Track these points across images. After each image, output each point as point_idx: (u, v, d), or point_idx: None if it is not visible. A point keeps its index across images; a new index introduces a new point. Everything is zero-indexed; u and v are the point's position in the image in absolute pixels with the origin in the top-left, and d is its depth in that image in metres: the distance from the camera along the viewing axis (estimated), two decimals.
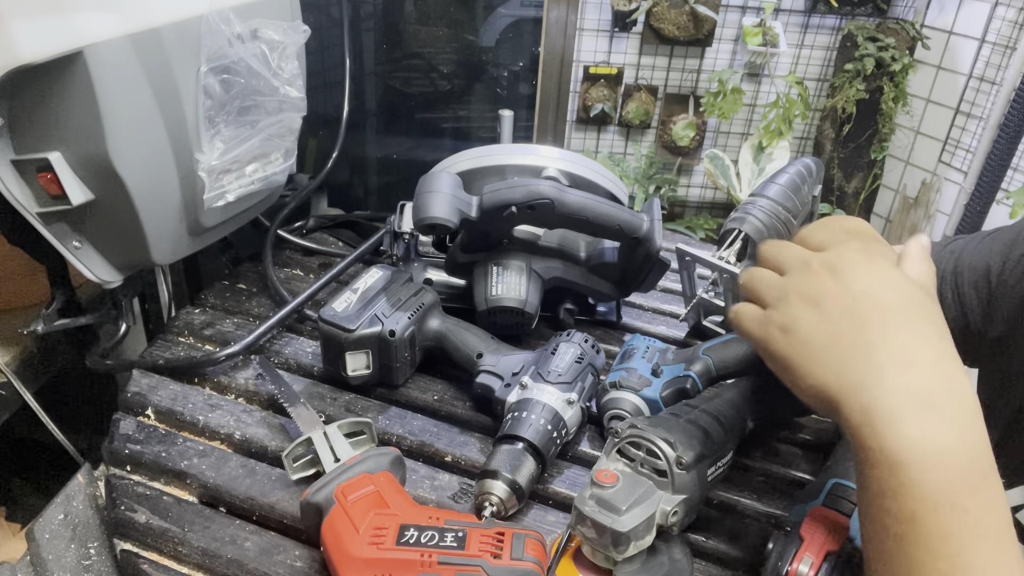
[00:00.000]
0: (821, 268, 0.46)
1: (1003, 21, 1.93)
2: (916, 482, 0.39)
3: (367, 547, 0.48)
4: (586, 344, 0.69)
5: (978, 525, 0.38)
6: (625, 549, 0.47)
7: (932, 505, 0.38)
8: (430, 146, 1.76)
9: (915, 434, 0.39)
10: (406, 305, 0.71)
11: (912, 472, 0.39)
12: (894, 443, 0.39)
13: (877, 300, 0.43)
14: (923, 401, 0.40)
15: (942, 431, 0.39)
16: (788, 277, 0.47)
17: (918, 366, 0.41)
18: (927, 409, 0.40)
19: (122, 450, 0.64)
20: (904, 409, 0.40)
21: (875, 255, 0.46)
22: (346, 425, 0.61)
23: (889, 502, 0.40)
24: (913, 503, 0.39)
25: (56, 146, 0.62)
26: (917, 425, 0.39)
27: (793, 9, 2.20)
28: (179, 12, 0.67)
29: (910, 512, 0.39)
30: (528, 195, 0.69)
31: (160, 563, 0.55)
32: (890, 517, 0.40)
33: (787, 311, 0.46)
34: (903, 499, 0.39)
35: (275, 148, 0.82)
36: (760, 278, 0.49)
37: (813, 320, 0.44)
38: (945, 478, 0.38)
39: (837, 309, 0.44)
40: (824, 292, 0.45)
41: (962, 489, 0.38)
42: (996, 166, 1.88)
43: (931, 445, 0.39)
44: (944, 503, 0.38)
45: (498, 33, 1.82)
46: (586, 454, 0.67)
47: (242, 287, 0.90)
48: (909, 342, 0.42)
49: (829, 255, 0.46)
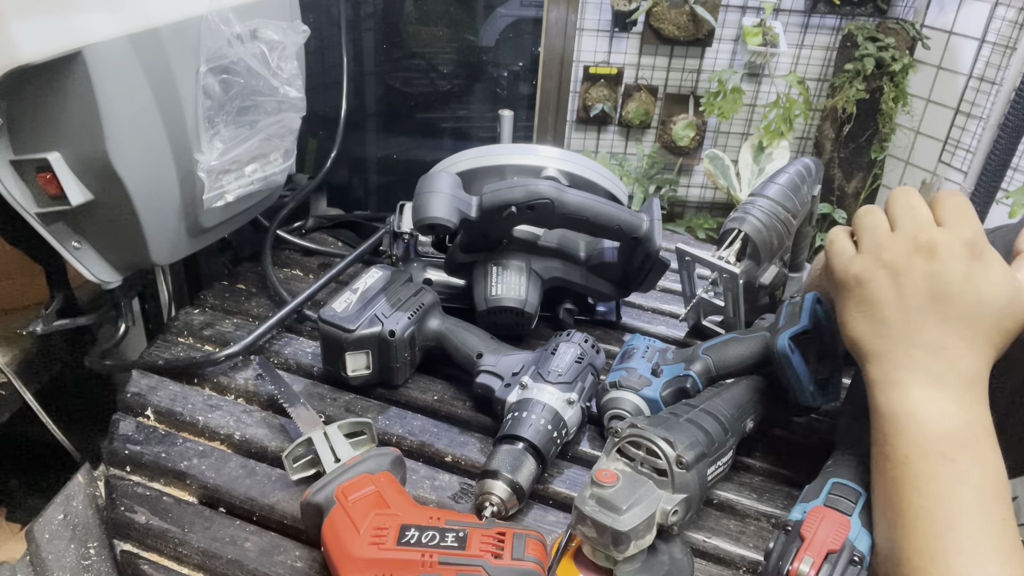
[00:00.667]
0: (924, 246, 0.48)
1: (1003, 21, 1.93)
2: (911, 430, 0.45)
3: (368, 547, 0.48)
4: (586, 344, 0.69)
5: (964, 474, 0.43)
6: (625, 548, 0.46)
7: (922, 451, 0.44)
8: (430, 146, 1.76)
9: (918, 395, 0.46)
10: (406, 305, 0.71)
11: (909, 422, 0.45)
12: (898, 399, 0.46)
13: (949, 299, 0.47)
14: (935, 379, 0.46)
15: (944, 400, 0.45)
16: (893, 237, 0.50)
17: (945, 358, 0.46)
18: (936, 384, 0.46)
19: (122, 451, 0.64)
20: (916, 379, 0.46)
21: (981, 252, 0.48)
22: (346, 425, 0.60)
23: (889, 448, 0.46)
24: (906, 448, 0.45)
25: (55, 146, 0.62)
26: (922, 390, 0.46)
27: (793, 9, 2.20)
28: (179, 12, 0.67)
29: (903, 455, 0.45)
30: (528, 195, 0.69)
31: (160, 564, 0.55)
32: (888, 461, 0.46)
33: (870, 266, 0.49)
34: (898, 444, 0.45)
35: (274, 148, 0.82)
36: (870, 223, 0.52)
37: (886, 287, 0.49)
38: (937, 431, 0.44)
39: (911, 289, 0.48)
40: (909, 269, 0.48)
41: (952, 443, 0.44)
42: (996, 166, 1.88)
43: (930, 405, 0.45)
44: (933, 450, 0.44)
45: (498, 33, 1.82)
46: (586, 454, 0.67)
47: (242, 287, 0.90)
48: (952, 340, 0.46)
49: (939, 236, 0.48)
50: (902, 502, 0.44)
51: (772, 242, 0.74)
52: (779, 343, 0.61)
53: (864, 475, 0.55)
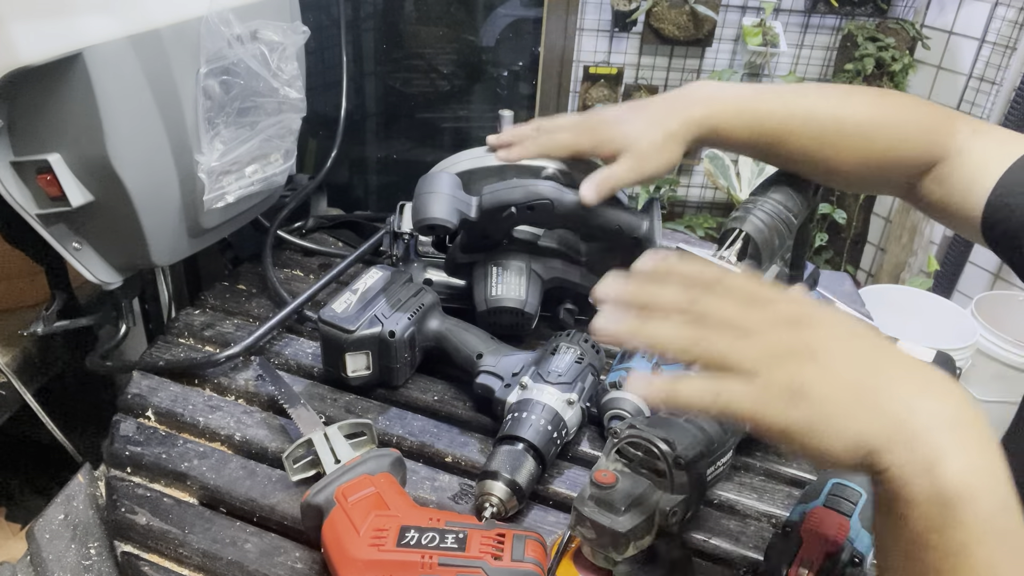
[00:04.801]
0: (784, 323, 0.41)
1: (1003, 21, 1.93)
2: (964, 513, 0.38)
3: (368, 548, 0.48)
4: (586, 344, 0.69)
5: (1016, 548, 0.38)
6: (624, 549, 0.47)
7: (979, 535, 0.38)
8: (430, 146, 1.76)
9: (960, 467, 0.38)
10: (406, 306, 0.71)
11: (961, 504, 0.38)
12: (943, 477, 0.38)
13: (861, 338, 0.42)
14: (954, 424, 0.39)
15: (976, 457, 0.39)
16: (755, 339, 0.41)
17: (930, 389, 0.40)
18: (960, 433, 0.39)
19: (122, 452, 0.64)
20: (946, 441, 0.38)
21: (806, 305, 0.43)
22: (346, 426, 0.61)
23: (936, 538, 0.38)
24: (963, 534, 0.38)
25: (56, 148, 0.62)
26: (961, 458, 0.38)
27: (793, 9, 2.20)
28: (178, 14, 0.67)
29: (959, 544, 0.38)
30: (528, 195, 0.69)
31: (161, 565, 0.56)
32: (937, 553, 0.38)
33: (784, 374, 0.40)
34: (951, 532, 0.38)
35: (275, 149, 0.82)
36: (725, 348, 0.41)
37: (821, 375, 0.40)
38: (988, 506, 0.38)
39: (837, 357, 0.41)
40: (812, 342, 0.41)
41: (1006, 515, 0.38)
42: None
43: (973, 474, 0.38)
44: (990, 531, 0.38)
45: (498, 33, 1.82)
46: (586, 454, 0.67)
47: (242, 288, 0.90)
48: (909, 367, 0.41)
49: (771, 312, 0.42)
50: None
51: (773, 242, 0.74)
52: None
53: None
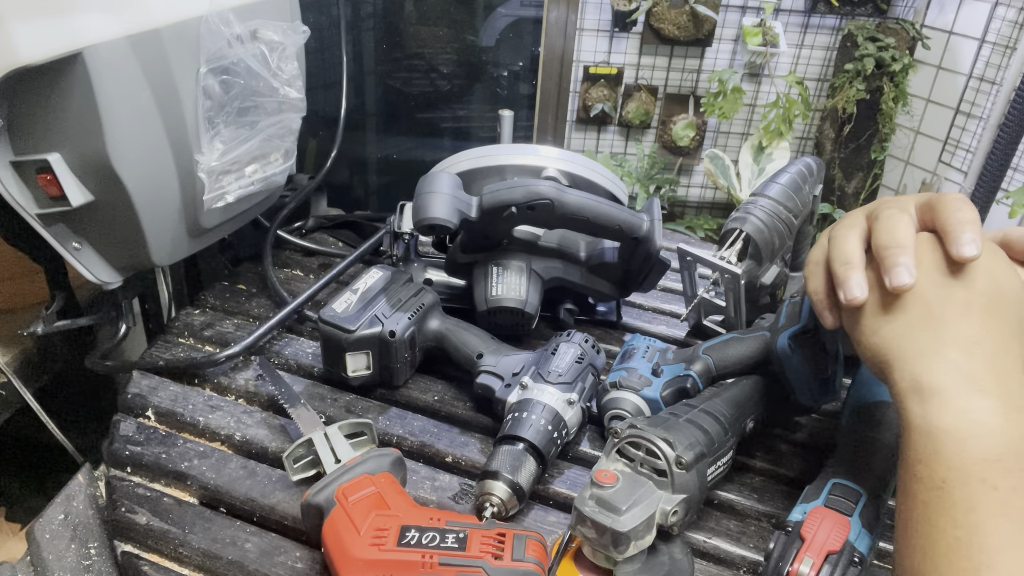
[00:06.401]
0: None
1: (1003, 21, 1.93)
2: (950, 451, 0.40)
3: (368, 548, 0.48)
4: (586, 344, 0.69)
5: (1005, 504, 0.39)
6: (625, 549, 0.47)
7: (962, 475, 0.39)
8: (430, 146, 1.76)
9: (957, 408, 0.40)
10: (406, 306, 0.71)
11: (948, 441, 0.40)
12: (935, 412, 0.41)
13: (971, 287, 0.44)
14: (974, 383, 0.41)
15: (986, 412, 0.40)
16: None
17: (980, 355, 0.42)
18: (976, 390, 0.41)
19: (122, 451, 0.64)
20: (953, 384, 0.41)
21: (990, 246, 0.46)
22: (347, 426, 0.61)
23: (922, 468, 0.41)
24: (944, 471, 0.40)
25: (56, 147, 0.62)
26: (961, 401, 0.41)
27: (793, 9, 2.20)
28: (178, 13, 0.67)
29: (940, 479, 0.40)
30: (528, 195, 0.69)
31: (161, 565, 0.55)
32: (920, 483, 0.41)
33: None
34: (935, 466, 0.40)
35: (275, 149, 0.82)
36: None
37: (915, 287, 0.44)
38: (979, 453, 0.39)
39: (928, 282, 0.44)
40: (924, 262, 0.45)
41: (995, 467, 0.39)
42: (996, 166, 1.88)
43: (971, 419, 0.40)
44: (974, 476, 0.39)
45: (498, 33, 1.82)
46: (586, 454, 0.67)
47: (242, 288, 0.90)
48: (981, 333, 0.43)
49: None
50: (935, 531, 0.40)
51: (773, 242, 0.74)
52: (779, 342, 0.61)
53: (864, 475, 0.55)
